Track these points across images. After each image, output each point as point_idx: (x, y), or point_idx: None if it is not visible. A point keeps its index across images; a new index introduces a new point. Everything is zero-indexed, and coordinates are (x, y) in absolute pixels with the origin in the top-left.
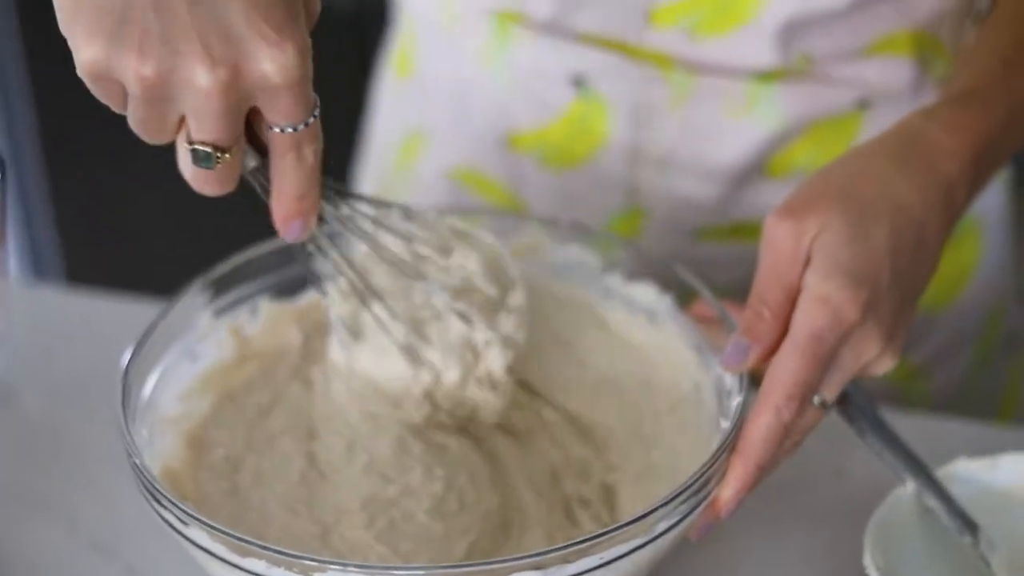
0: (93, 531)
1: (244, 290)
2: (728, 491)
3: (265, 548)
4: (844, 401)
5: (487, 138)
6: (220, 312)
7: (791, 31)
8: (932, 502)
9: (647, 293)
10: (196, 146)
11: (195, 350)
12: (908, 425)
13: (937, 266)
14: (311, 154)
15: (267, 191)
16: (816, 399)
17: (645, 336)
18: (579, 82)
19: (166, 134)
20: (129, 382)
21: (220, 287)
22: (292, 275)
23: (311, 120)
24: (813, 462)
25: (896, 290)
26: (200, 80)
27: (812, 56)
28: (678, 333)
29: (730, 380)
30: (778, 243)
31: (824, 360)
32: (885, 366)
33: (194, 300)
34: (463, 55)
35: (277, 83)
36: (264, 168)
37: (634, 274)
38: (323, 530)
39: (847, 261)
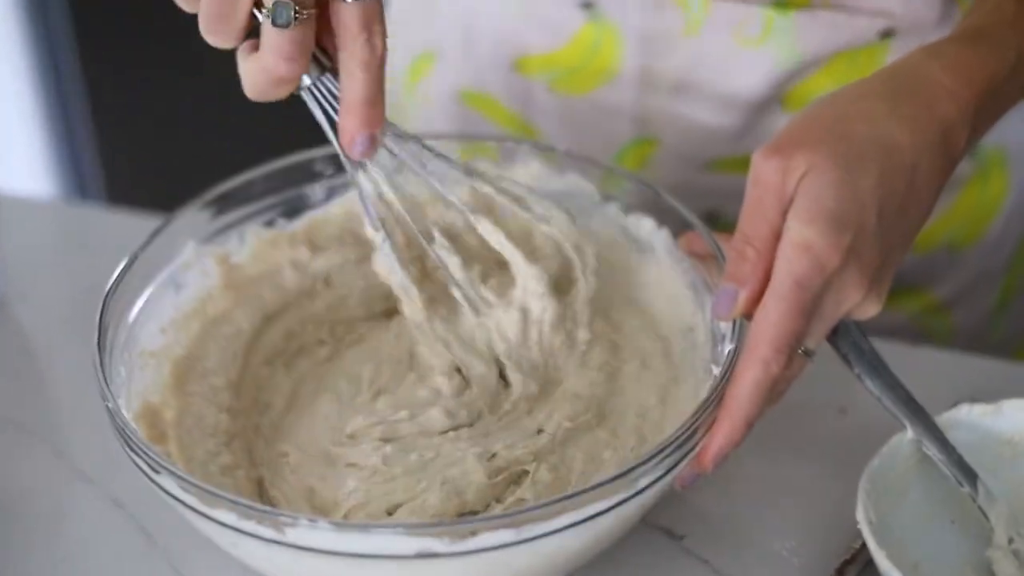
0: (79, 459)
1: (232, 217)
2: (715, 446)
3: (235, 502)
4: (841, 344)
5: (496, 61)
6: (207, 240)
7: None
8: (931, 450)
9: (644, 226)
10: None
11: (180, 279)
12: (916, 361)
13: (930, 211)
14: (380, 40)
15: (328, 109)
16: (800, 348)
17: (640, 272)
18: (588, 5)
19: (240, 16)
20: (107, 318)
21: (210, 213)
22: (287, 200)
23: None
24: (818, 398)
25: (882, 235)
26: None
27: None
28: (673, 269)
29: (724, 324)
30: (764, 180)
31: (808, 308)
32: (868, 312)
33: (179, 228)
34: None
35: None
36: (323, 82)
37: (632, 206)
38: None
39: (831, 204)
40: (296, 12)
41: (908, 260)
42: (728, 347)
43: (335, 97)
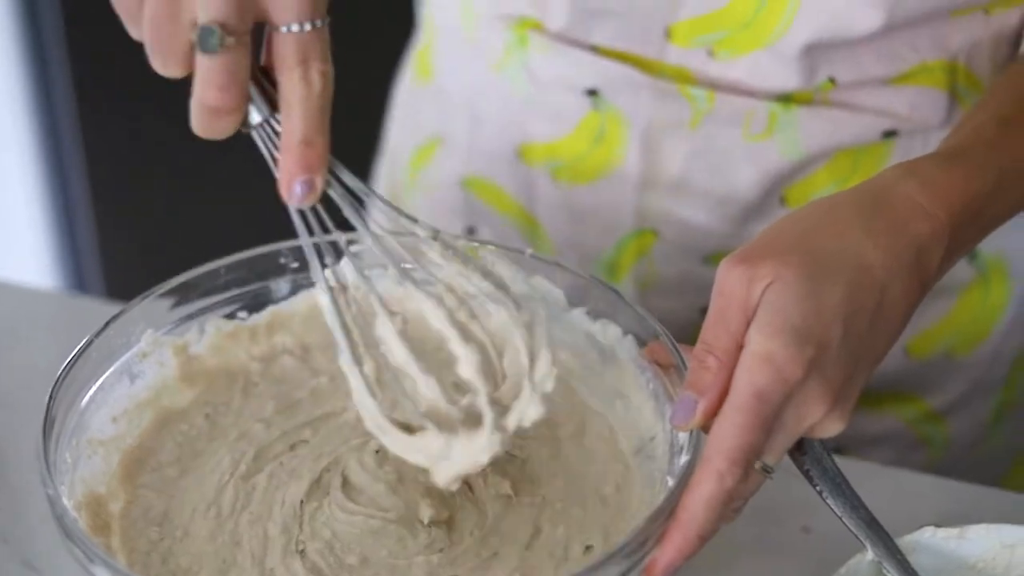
0: (24, 547)
1: (193, 307)
2: (665, 558)
3: None
4: (804, 461)
5: (501, 148)
6: (166, 329)
7: (816, 54)
8: (891, 573)
9: (610, 333)
10: (203, 25)
11: (135, 368)
12: (884, 481)
13: (900, 331)
14: (319, 76)
15: (274, 150)
16: (758, 464)
17: (603, 380)
18: (594, 94)
19: (179, 39)
20: (55, 404)
21: (170, 302)
22: (250, 292)
23: (318, 23)
24: (781, 517)
25: (847, 352)
26: None
27: (837, 81)
28: (636, 378)
29: (683, 435)
30: (728, 289)
31: (767, 421)
32: (831, 429)
33: (137, 316)
34: (480, 62)
35: None
36: (275, 120)
37: (599, 312)
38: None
39: (795, 317)
40: (223, 38)
41: (904, 365)
42: (684, 458)
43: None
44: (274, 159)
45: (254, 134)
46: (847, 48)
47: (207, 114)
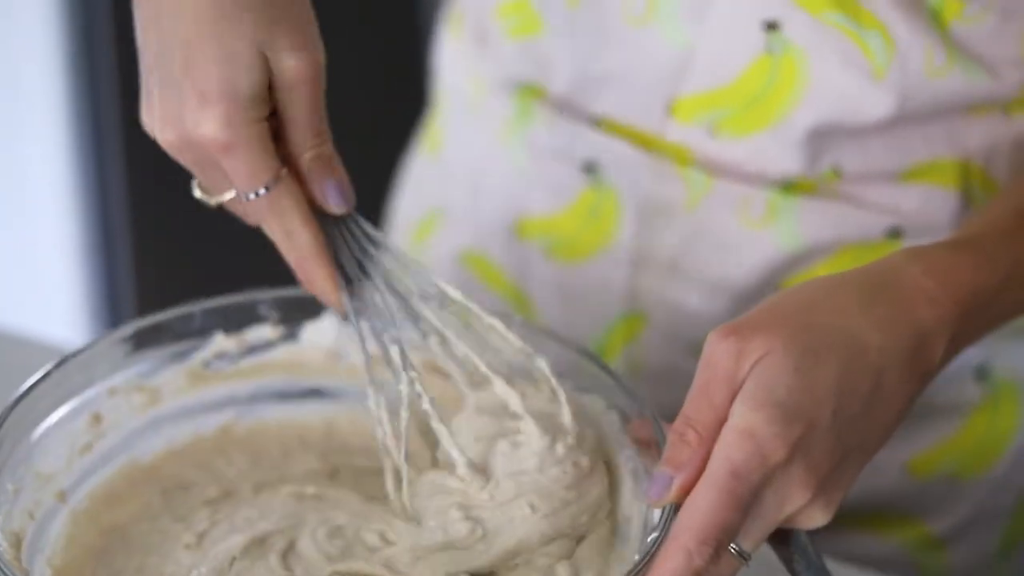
0: None
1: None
2: None
3: None
4: (787, 554)
5: (498, 222)
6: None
7: (821, 140)
8: None
9: (594, 406)
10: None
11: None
12: None
13: (898, 421)
14: (278, 229)
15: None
16: (733, 548)
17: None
18: (591, 169)
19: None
20: (3, 431)
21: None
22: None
23: (261, 191)
24: None
25: (837, 437)
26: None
27: (842, 171)
28: (617, 456)
29: (657, 515)
30: (715, 362)
31: (743, 500)
32: (815, 519)
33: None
34: (484, 131)
35: (210, 148)
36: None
37: (585, 387)
38: None
39: (782, 394)
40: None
41: (905, 485)
42: (653, 535)
43: None
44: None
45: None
46: (855, 136)
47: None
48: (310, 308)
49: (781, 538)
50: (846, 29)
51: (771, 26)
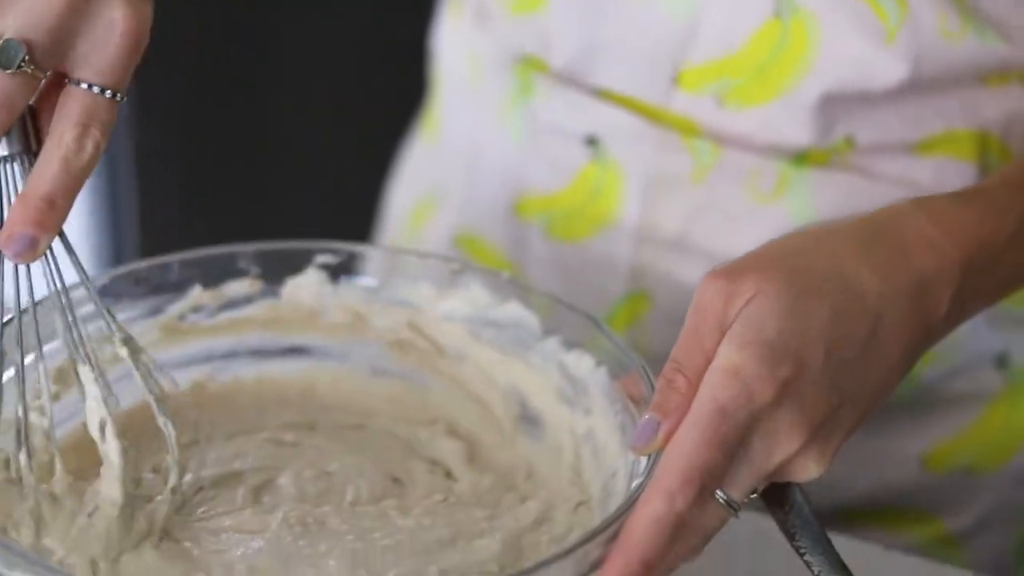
0: None
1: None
2: None
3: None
4: (780, 510)
5: (495, 202)
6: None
7: (833, 108)
8: None
9: (583, 364)
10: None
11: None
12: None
13: (898, 375)
14: (92, 145)
15: (11, 193)
16: (721, 495)
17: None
18: (594, 143)
19: None
20: None
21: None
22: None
23: (117, 96)
24: None
25: (831, 383)
26: None
27: (855, 141)
28: (606, 412)
29: (643, 463)
30: (704, 304)
31: (728, 441)
32: (808, 470)
33: None
34: (483, 110)
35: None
36: (24, 160)
37: (573, 342)
38: None
39: (771, 334)
40: (24, 60)
41: (920, 479)
42: (636, 481)
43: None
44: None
45: None
46: (868, 105)
47: None
48: (292, 263)
49: (776, 498)
50: None
51: None
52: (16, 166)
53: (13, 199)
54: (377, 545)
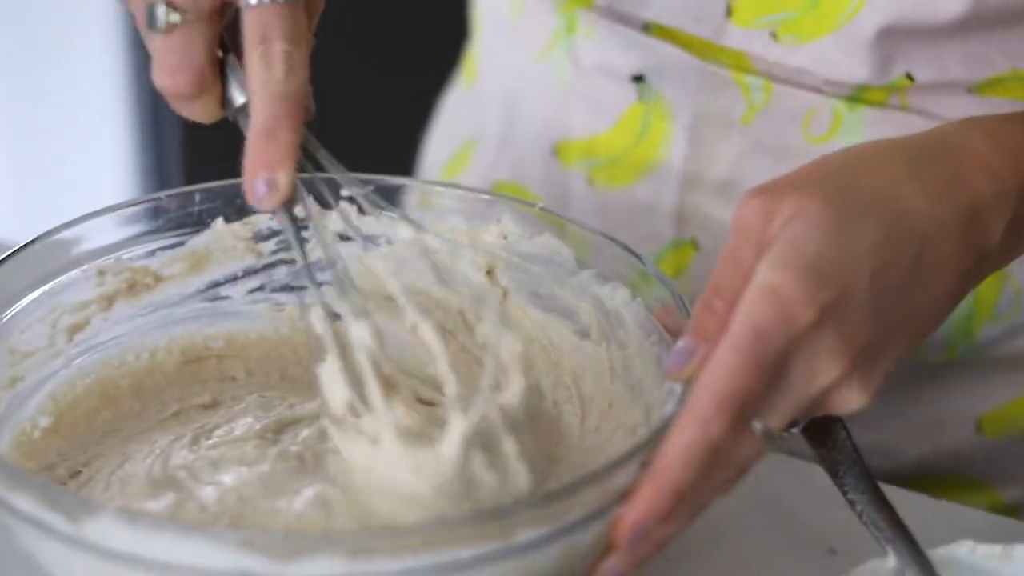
0: None
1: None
2: (633, 514)
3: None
4: (821, 447)
5: (535, 148)
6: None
7: (891, 42)
8: None
9: (618, 296)
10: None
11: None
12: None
13: (948, 306)
14: (281, 57)
15: None
16: (758, 425)
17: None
18: (640, 81)
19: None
20: None
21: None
22: None
23: None
24: (805, 534)
25: (876, 308)
26: None
27: (914, 79)
28: (640, 344)
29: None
30: (744, 223)
31: (766, 367)
32: (851, 401)
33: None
34: (523, 54)
35: None
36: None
37: (607, 275)
38: None
39: (812, 253)
40: (168, 14)
41: (975, 445)
42: (668, 409)
43: None
44: None
45: (240, 121)
46: (927, 40)
47: (168, 99)
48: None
49: (818, 434)
50: None
51: None
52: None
53: None
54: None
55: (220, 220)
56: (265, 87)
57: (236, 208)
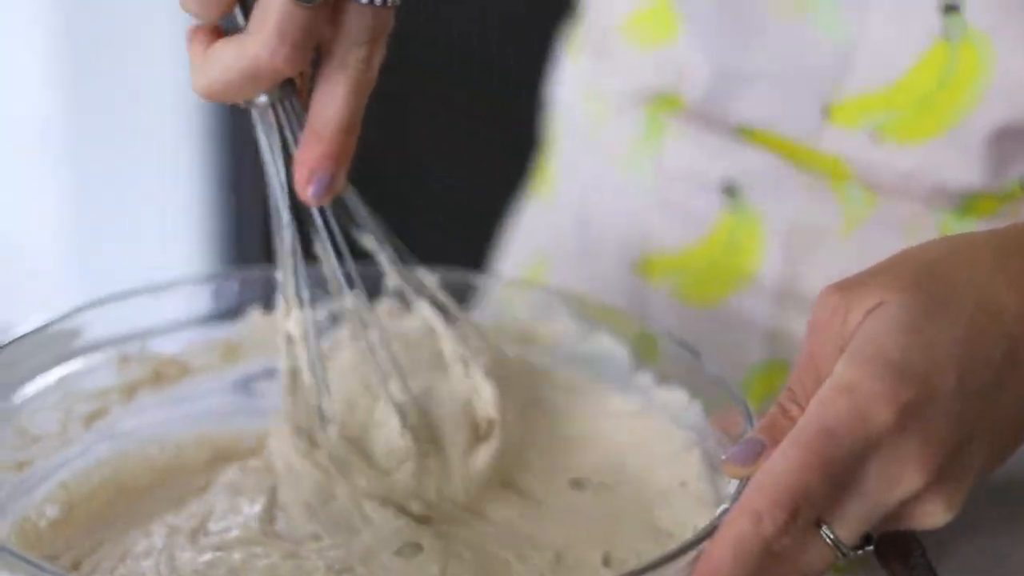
0: None
1: None
2: None
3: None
4: (905, 569)
5: (615, 262)
6: None
7: (1006, 145)
8: None
9: (675, 398)
10: None
11: None
12: None
13: None
14: (377, 64)
15: (284, 135)
16: (826, 532)
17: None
18: (731, 190)
19: None
20: None
21: None
22: None
23: (397, 1)
24: None
25: (962, 412)
26: None
27: None
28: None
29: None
30: (821, 323)
31: (834, 467)
32: (933, 516)
33: None
34: (604, 159)
35: None
36: (289, 104)
37: (667, 376)
38: None
39: (893, 351)
40: None
41: None
42: (722, 507)
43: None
44: (281, 146)
45: (256, 113)
46: None
47: (249, 76)
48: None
49: (894, 550)
50: None
51: (950, 8)
52: (286, 108)
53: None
54: None
55: (257, 309)
56: (356, 86)
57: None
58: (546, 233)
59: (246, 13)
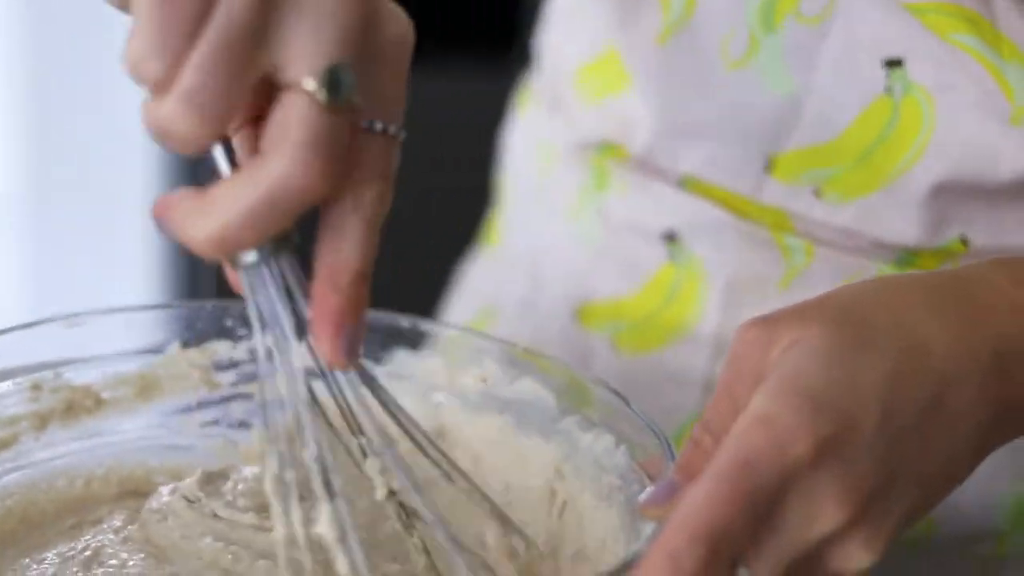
0: None
1: None
2: None
3: None
4: None
5: (556, 312)
6: None
7: (946, 201)
8: None
9: (601, 444)
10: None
11: None
12: None
13: (967, 463)
14: (388, 200)
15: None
16: (743, 571)
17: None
18: (672, 239)
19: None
20: None
21: None
22: None
23: (403, 132)
24: None
25: (886, 452)
26: None
27: (970, 243)
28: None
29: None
30: (739, 356)
31: (752, 500)
32: (854, 558)
33: None
34: (551, 211)
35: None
36: (281, 258)
37: (593, 422)
38: None
39: (814, 383)
40: (354, 88)
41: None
42: (636, 546)
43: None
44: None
45: (244, 274)
46: (987, 200)
47: (274, 203)
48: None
49: None
50: (982, 58)
51: (893, 63)
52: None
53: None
54: None
55: (176, 344)
56: (372, 226)
57: (196, 333)
58: (493, 285)
59: (230, 157)
